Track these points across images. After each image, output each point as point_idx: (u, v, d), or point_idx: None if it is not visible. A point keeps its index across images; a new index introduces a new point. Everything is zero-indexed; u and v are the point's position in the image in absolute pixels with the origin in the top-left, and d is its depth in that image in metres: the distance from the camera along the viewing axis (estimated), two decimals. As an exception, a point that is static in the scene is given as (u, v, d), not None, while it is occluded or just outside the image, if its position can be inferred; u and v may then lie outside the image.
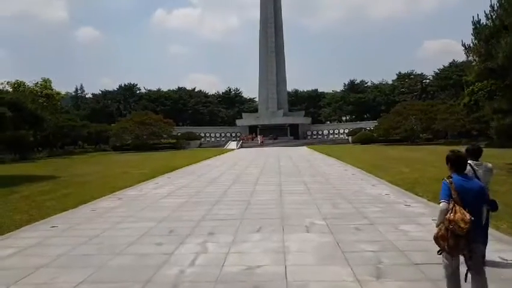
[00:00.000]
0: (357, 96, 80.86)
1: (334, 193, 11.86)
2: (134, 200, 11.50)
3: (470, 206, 3.73)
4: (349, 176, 16.23)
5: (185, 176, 17.97)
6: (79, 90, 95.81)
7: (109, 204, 10.88)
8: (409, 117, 47.61)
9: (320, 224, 7.92)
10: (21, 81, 39.93)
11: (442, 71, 71.37)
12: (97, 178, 17.25)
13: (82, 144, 61.02)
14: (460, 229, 3.63)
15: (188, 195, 12.04)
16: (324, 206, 9.75)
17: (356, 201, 10.40)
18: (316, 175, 16.83)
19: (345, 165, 21.55)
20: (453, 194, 3.80)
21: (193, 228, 7.77)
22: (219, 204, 10.37)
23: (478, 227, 3.77)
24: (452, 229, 3.69)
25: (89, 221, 8.75)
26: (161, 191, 13.27)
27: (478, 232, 3.81)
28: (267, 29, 72.32)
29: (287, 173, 17.86)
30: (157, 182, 15.90)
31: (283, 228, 7.61)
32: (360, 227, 7.62)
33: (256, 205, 10.13)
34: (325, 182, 14.58)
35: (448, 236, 3.75)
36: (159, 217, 8.91)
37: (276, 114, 70.49)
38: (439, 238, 3.86)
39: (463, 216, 3.64)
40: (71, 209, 10.32)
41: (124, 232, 7.67)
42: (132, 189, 13.79)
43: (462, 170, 4.02)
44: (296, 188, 13.13)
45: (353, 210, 9.28)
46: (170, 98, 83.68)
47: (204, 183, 15.08)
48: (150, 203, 10.96)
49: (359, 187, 12.97)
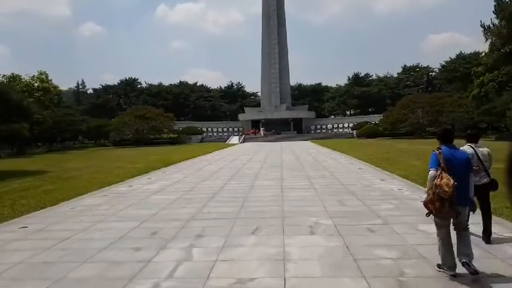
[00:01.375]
0: (362, 90, 79.31)
1: (341, 188, 10.78)
2: (122, 197, 10.49)
3: (457, 173, 4.19)
4: (356, 170, 15.14)
5: (182, 170, 16.95)
6: (80, 85, 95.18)
7: (92, 202, 9.87)
8: (415, 110, 46.32)
9: (326, 224, 6.86)
10: (17, 75, 39.10)
11: (449, 63, 69.63)
12: (87, 173, 16.27)
13: (82, 139, 60.14)
14: (444, 192, 4.06)
15: (181, 192, 11.02)
16: (331, 203, 8.68)
17: (366, 197, 9.33)
18: (321, 169, 15.75)
19: (351, 158, 20.45)
20: (441, 163, 4.26)
21: (179, 230, 6.74)
22: (213, 201, 9.32)
23: (463, 191, 4.23)
24: (438, 193, 4.12)
25: (64, 221, 7.74)
26: (153, 186, 12.25)
27: (462, 196, 4.24)
28: (269, 22, 70.89)
29: (290, 168, 16.79)
30: (150, 177, 14.89)
31: (284, 229, 6.56)
32: (373, 227, 6.56)
33: (254, 202, 9.08)
34: (330, 176, 13.50)
35: (434, 199, 4.19)
36: (144, 216, 7.88)
37: (279, 109, 69.23)
38: (428, 202, 4.30)
39: (448, 181, 4.07)
40: (49, 206, 9.33)
41: (100, 234, 6.65)
42: (122, 185, 12.79)
43: (450, 141, 4.51)
44: (299, 183, 12.06)
45: (363, 207, 8.21)
46: (171, 92, 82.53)
47: (200, 178, 14.05)
48: (138, 200, 9.94)
49: (368, 182, 11.89)
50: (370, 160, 18.55)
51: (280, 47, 70.80)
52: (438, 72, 74.67)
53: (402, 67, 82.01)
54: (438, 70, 74.56)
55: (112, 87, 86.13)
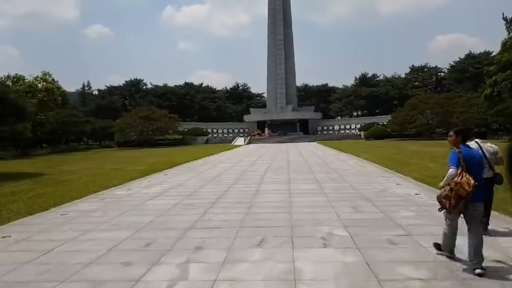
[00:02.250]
0: (369, 90, 78.22)
1: (353, 193, 10.00)
2: (118, 202, 9.80)
3: (473, 172, 4.38)
4: (368, 173, 14.33)
5: (184, 173, 16.25)
6: (86, 86, 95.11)
7: (86, 207, 9.19)
8: (425, 111, 45.29)
9: (341, 234, 6.10)
10: (21, 75, 38.69)
11: (458, 63, 68.38)
12: (85, 175, 15.62)
13: (87, 140, 59.77)
14: (463, 191, 4.26)
15: (182, 196, 10.30)
16: (344, 210, 7.92)
17: (382, 203, 8.55)
18: (331, 172, 14.96)
19: (361, 160, 19.63)
20: (461, 162, 4.41)
21: (176, 241, 6.02)
22: (215, 208, 8.59)
23: (479, 189, 4.37)
24: (457, 190, 4.30)
25: (52, 229, 7.05)
26: (153, 190, 11.56)
27: (479, 193, 4.40)
28: (275, 22, 70.17)
29: (297, 170, 16.02)
30: (151, 179, 14.20)
31: (293, 240, 5.82)
32: (394, 239, 5.79)
33: (259, 208, 8.33)
34: (341, 180, 12.71)
35: (451, 196, 4.37)
36: (139, 224, 7.17)
37: (285, 110, 68.41)
38: (442, 198, 4.50)
39: (468, 181, 4.26)
40: (39, 212, 8.66)
41: (87, 245, 5.95)
42: (120, 189, 12.10)
43: (466, 141, 4.75)
44: (308, 187, 11.29)
45: (380, 215, 7.43)
46: (176, 93, 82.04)
47: (202, 181, 13.33)
48: (135, 205, 9.24)
49: (382, 186, 11.09)
50: (381, 162, 17.73)
51: (286, 48, 70.04)
52: (447, 72, 73.41)
53: (410, 67, 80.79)
54: (447, 70, 73.30)
55: (117, 88, 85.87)
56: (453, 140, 4.77)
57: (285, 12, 70.70)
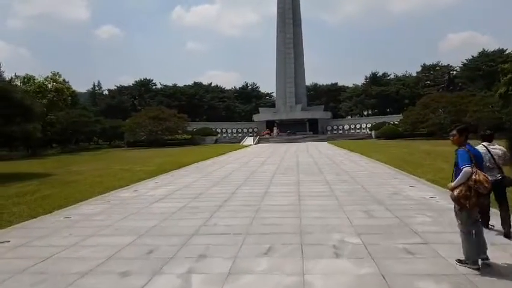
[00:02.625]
0: (380, 89, 77.23)
1: (365, 196, 9.61)
2: (122, 204, 9.57)
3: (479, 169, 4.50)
4: (380, 174, 13.90)
5: (191, 174, 16.00)
6: (97, 86, 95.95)
7: (90, 210, 8.97)
8: (437, 110, 44.43)
9: (353, 242, 5.74)
10: (31, 76, 39.00)
11: (471, 61, 67.07)
12: (92, 176, 15.48)
13: (97, 140, 60.11)
14: (484, 188, 4.36)
15: (188, 198, 10.03)
16: (356, 215, 7.54)
17: (396, 207, 8.15)
18: (341, 173, 14.56)
19: (372, 161, 19.16)
20: (472, 159, 4.46)
21: (180, 248, 5.73)
22: (222, 211, 8.29)
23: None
24: (477, 188, 4.34)
25: (52, 234, 6.82)
26: (159, 192, 11.31)
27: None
28: (284, 21, 69.70)
29: (306, 171, 15.65)
30: (158, 181, 13.98)
31: (303, 249, 5.48)
32: (411, 248, 5.41)
33: (267, 212, 8.00)
34: (352, 181, 12.31)
35: (471, 195, 4.37)
36: (143, 229, 6.91)
37: (294, 109, 67.91)
38: (460, 198, 4.43)
39: (486, 178, 4.40)
40: (42, 215, 8.46)
41: (87, 252, 5.69)
42: (126, 190, 11.89)
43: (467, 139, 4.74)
44: (318, 189, 10.93)
45: (394, 220, 7.04)
46: (186, 93, 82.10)
47: (209, 182, 13.05)
48: (139, 208, 8.99)
49: (395, 188, 10.67)
50: (393, 163, 17.25)
51: (296, 47, 69.52)
52: (459, 70, 72.09)
53: (422, 66, 79.51)
54: (459, 69, 71.98)
55: (126, 88, 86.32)
56: (457, 139, 4.75)
57: (294, 11, 70.18)
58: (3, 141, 32.29)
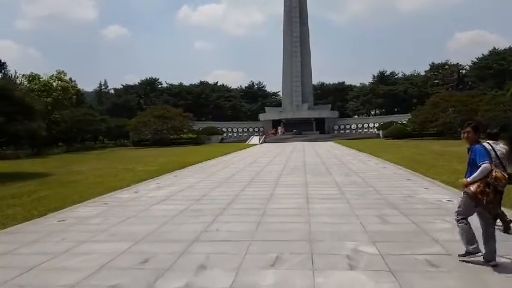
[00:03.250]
0: (387, 89, 76.27)
1: (378, 199, 9.05)
2: (121, 206, 9.11)
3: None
4: (391, 176, 13.31)
5: (195, 174, 15.53)
6: (103, 85, 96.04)
7: (87, 212, 8.52)
8: (447, 110, 43.51)
9: (369, 252, 5.20)
10: (36, 74, 38.82)
11: (481, 59, 65.86)
12: (93, 176, 15.07)
13: (103, 139, 59.97)
14: (502, 185, 4.41)
15: (191, 200, 9.54)
16: (369, 220, 7.00)
17: (411, 211, 7.59)
18: (351, 174, 13.99)
19: (382, 161, 18.55)
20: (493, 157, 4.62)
21: (178, 257, 5.23)
22: (225, 214, 7.79)
23: None
24: (496, 185, 4.38)
25: (43, 240, 6.37)
26: (160, 193, 10.84)
27: None
28: (291, 19, 69.06)
29: (314, 172, 15.10)
30: (160, 181, 13.51)
31: (313, 259, 4.96)
32: (433, 259, 4.87)
33: (273, 217, 7.48)
34: (363, 183, 11.74)
35: (489, 191, 4.37)
36: (140, 234, 6.43)
37: (300, 108, 67.26)
38: (478, 194, 4.41)
39: (503, 175, 4.46)
40: (36, 218, 8.03)
41: (77, 261, 5.22)
42: (126, 191, 11.44)
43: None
44: (327, 191, 10.38)
45: (412, 227, 6.49)
46: (191, 92, 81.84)
47: (213, 183, 12.56)
48: (139, 210, 8.52)
49: (409, 190, 10.09)
50: (405, 163, 16.64)
51: (302, 45, 68.86)
52: (468, 69, 70.88)
53: (430, 65, 78.43)
54: (469, 67, 70.76)
55: (132, 87, 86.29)
56: (471, 137, 4.76)
57: (301, 10, 69.50)
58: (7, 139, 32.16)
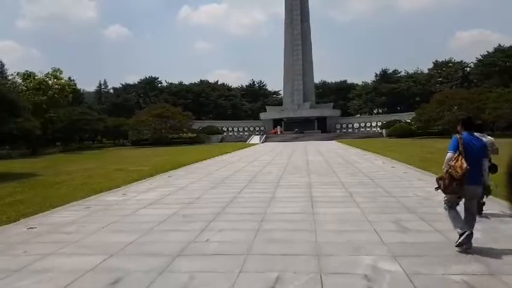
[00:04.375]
0: (390, 87, 75.07)
1: (391, 202, 8.06)
2: (104, 211, 8.14)
3: (473, 158, 4.71)
4: (402, 176, 12.31)
5: (190, 174, 14.55)
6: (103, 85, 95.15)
7: (63, 218, 7.55)
8: (452, 107, 42.43)
9: (391, 270, 4.22)
10: (31, 72, 37.80)
11: (486, 57, 64.63)
12: (81, 177, 14.11)
13: (101, 138, 59.05)
14: (455, 173, 4.63)
15: (182, 204, 8.57)
16: (386, 227, 6.02)
17: (432, 217, 6.61)
18: (357, 174, 12.98)
19: (389, 160, 17.53)
20: (460, 147, 4.76)
21: (155, 277, 4.27)
22: (218, 221, 6.80)
23: (477, 173, 4.77)
24: (450, 172, 4.70)
25: (3, 252, 5.40)
26: (150, 195, 9.87)
27: (477, 177, 4.79)
28: (292, 16, 67.92)
29: (318, 171, 14.10)
30: (152, 182, 12.54)
31: (323, 281, 3.98)
32: (473, 281, 3.89)
33: (274, 223, 6.49)
34: (371, 183, 10.74)
35: (445, 177, 4.79)
36: (116, 246, 5.45)
37: (302, 107, 66.13)
38: (439, 179, 4.94)
39: (461, 164, 4.62)
40: (5, 224, 7.07)
41: (30, 282, 4.25)
42: (114, 193, 10.48)
43: (470, 128, 5.04)
44: (333, 193, 9.38)
45: (437, 236, 5.51)
46: (191, 91, 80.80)
47: (209, 184, 11.58)
48: (122, 216, 7.55)
49: (424, 192, 9.10)
50: (414, 163, 15.63)
51: (304, 43, 67.73)
52: (473, 67, 69.67)
53: (434, 62, 77.16)
54: (473, 65, 69.56)
55: (132, 86, 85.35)
56: (458, 130, 5.12)
57: (302, 7, 68.40)
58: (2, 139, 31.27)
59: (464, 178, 4.59)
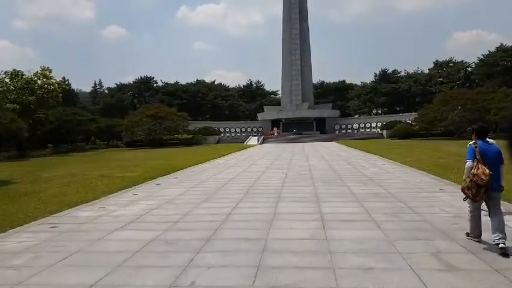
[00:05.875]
0: (390, 87, 73.78)
1: (419, 222, 6.66)
2: (72, 233, 6.73)
3: (490, 164, 4.91)
4: (417, 184, 10.93)
5: (181, 182, 13.10)
6: (98, 85, 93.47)
7: (19, 243, 6.13)
8: (456, 108, 41.17)
9: None
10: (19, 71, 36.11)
11: (488, 56, 63.51)
12: (58, 185, 12.65)
13: (94, 140, 57.39)
14: (481, 180, 4.82)
15: (166, 223, 7.16)
16: (423, 263, 4.63)
17: (477, 246, 5.20)
18: (368, 182, 11.58)
19: (399, 166, 16.14)
20: (477, 155, 4.99)
21: None
22: (208, 251, 5.38)
23: (496, 179, 4.92)
24: (475, 180, 4.87)
25: None
26: (131, 210, 8.44)
27: (497, 184, 4.97)
28: (291, 15, 66.54)
29: (323, 179, 12.68)
30: (137, 192, 11.09)
31: None
32: None
33: (279, 257, 5.07)
34: (387, 195, 9.35)
35: (471, 186, 4.94)
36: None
37: (300, 107, 64.72)
38: (465, 189, 5.08)
39: (484, 171, 4.83)
40: None
41: None
42: (90, 207, 9.04)
43: (484, 137, 5.22)
44: (346, 208, 7.98)
45: (499, 279, 4.11)
46: (188, 91, 79.22)
47: (201, 195, 10.15)
48: (91, 241, 6.13)
49: (451, 207, 7.71)
50: (426, 168, 14.30)
51: (302, 42, 66.40)
52: (474, 66, 68.53)
53: (434, 62, 76.02)
54: (475, 65, 68.40)
55: (127, 86, 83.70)
56: (473, 138, 5.29)
57: (301, 6, 67.06)
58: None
59: (489, 184, 4.83)
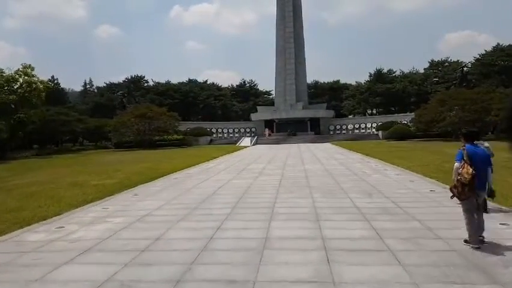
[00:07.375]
0: (385, 87, 72.76)
1: (445, 252, 5.28)
2: (8, 266, 5.30)
3: (478, 166, 5.21)
4: (429, 195, 9.57)
5: (162, 191, 11.64)
6: (88, 84, 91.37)
7: None
8: (453, 108, 40.11)
9: None
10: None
11: (484, 56, 62.75)
12: (18, 196, 11.12)
13: (82, 141, 55.56)
14: (464, 179, 5.14)
15: (132, 251, 5.73)
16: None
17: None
18: (373, 193, 10.20)
19: (403, 171, 14.80)
20: (464, 157, 5.30)
21: None
22: (174, 305, 3.97)
23: (481, 180, 5.28)
24: (460, 179, 5.22)
25: None
26: (93, 232, 6.99)
27: (482, 183, 5.32)
28: (284, 14, 65.26)
29: (322, 189, 11.28)
30: (109, 206, 9.58)
31: None
32: None
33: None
34: (398, 211, 7.98)
35: (457, 185, 5.28)
36: None
37: (294, 107, 63.43)
38: (452, 187, 5.41)
39: (467, 170, 5.15)
40: None
41: None
42: (46, 226, 7.57)
43: (473, 140, 5.57)
44: (353, 230, 6.58)
45: None
46: (179, 91, 77.50)
47: (180, 211, 8.68)
48: (28, 282, 4.67)
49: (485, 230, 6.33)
50: (434, 175, 12.96)
51: (296, 41, 65.12)
52: (471, 66, 67.76)
53: (430, 62, 75.25)
54: (471, 64, 67.62)
55: (116, 85, 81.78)
56: (463, 142, 5.64)
57: (294, 4, 65.79)
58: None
59: (473, 182, 5.11)
